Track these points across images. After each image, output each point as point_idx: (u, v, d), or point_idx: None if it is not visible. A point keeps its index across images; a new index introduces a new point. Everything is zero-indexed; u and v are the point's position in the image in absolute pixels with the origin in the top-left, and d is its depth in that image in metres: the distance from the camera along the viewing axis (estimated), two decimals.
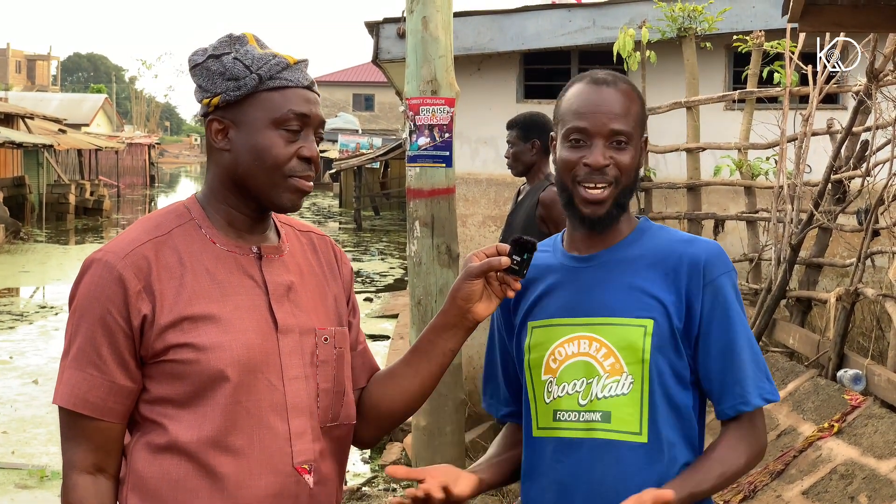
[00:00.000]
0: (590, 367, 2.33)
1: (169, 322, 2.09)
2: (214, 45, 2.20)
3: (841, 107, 9.48)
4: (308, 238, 2.38)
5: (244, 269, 2.19)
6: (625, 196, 2.35)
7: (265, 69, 2.15)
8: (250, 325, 2.14)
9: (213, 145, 2.20)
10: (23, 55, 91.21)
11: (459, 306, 2.28)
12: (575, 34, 9.65)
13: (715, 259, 2.31)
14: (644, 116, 2.40)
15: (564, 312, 2.38)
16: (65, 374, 2.13)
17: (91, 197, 36.81)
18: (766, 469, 5.40)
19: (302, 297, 2.24)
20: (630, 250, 2.36)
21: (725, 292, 2.30)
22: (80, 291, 2.14)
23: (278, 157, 2.15)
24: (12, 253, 24.43)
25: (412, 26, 5.51)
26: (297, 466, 2.16)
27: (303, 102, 2.18)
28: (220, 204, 2.22)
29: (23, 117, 34.86)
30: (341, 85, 61.69)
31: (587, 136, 2.32)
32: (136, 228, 2.19)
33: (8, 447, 8.85)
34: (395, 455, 8.22)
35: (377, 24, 9.83)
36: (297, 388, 2.18)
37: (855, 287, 6.00)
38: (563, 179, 2.36)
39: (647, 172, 9.24)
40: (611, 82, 2.36)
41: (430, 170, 5.60)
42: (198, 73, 2.19)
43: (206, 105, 2.19)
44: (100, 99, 61.16)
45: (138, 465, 2.13)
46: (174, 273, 2.13)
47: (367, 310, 16.51)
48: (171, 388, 2.11)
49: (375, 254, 26.18)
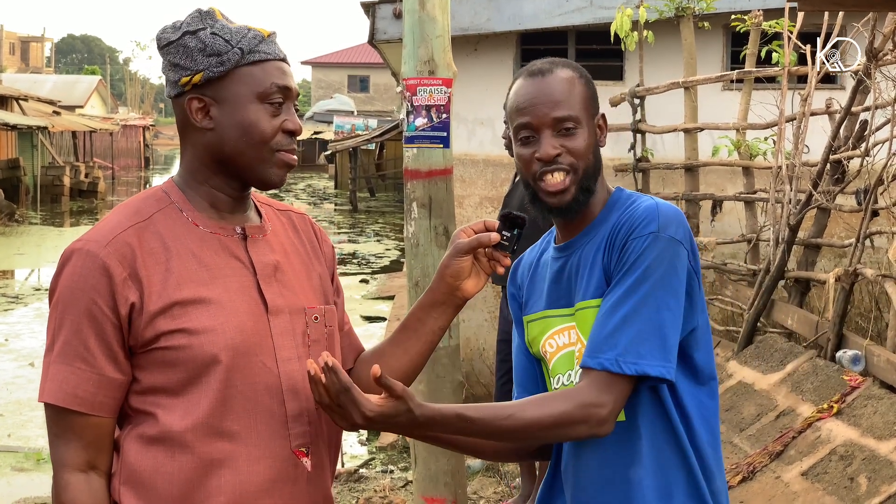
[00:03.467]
0: (571, 358, 2.33)
1: (158, 308, 2.03)
2: (187, 22, 2.14)
3: (840, 87, 9.45)
4: (288, 217, 2.32)
5: (230, 251, 2.14)
6: (588, 179, 2.30)
7: (245, 43, 2.10)
8: (241, 306, 2.09)
9: (192, 125, 2.13)
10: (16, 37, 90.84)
11: (448, 283, 2.25)
12: (572, 14, 9.61)
13: (638, 220, 2.22)
14: (592, 95, 2.34)
15: (550, 304, 2.38)
16: (50, 369, 2.05)
17: (86, 179, 36.78)
18: (766, 450, 5.39)
19: (289, 276, 2.20)
20: (599, 230, 2.31)
21: (629, 252, 2.20)
22: (62, 283, 2.06)
23: (265, 131, 2.11)
24: (7, 235, 24.40)
25: (409, 6, 5.46)
26: (294, 450, 2.12)
27: (282, 75, 2.14)
28: (202, 185, 2.16)
29: (17, 99, 34.75)
30: (336, 66, 61.53)
31: (533, 130, 2.29)
32: (115, 216, 2.12)
33: (4, 430, 8.85)
34: (393, 437, 8.21)
35: (373, 5, 9.80)
36: (291, 369, 2.13)
37: (854, 268, 5.98)
38: (524, 177, 2.34)
39: (644, 153, 9.22)
40: (546, 71, 2.32)
41: (427, 151, 5.56)
42: (173, 51, 2.12)
43: (184, 84, 2.11)
44: (94, 81, 60.96)
45: (130, 457, 2.06)
46: (159, 258, 2.07)
47: (363, 291, 16.50)
48: (163, 376, 2.05)
49: (371, 235, 26.17)
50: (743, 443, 5.73)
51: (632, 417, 2.24)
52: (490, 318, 9.70)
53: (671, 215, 2.22)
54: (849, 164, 6.77)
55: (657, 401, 2.24)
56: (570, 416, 2.12)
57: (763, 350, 6.62)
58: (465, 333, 9.52)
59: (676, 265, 2.19)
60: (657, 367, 2.15)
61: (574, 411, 2.12)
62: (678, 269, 2.20)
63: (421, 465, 5.38)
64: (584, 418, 2.13)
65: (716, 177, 9.40)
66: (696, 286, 2.26)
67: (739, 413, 6.06)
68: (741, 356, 6.78)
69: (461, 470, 5.51)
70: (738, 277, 8.19)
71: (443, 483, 5.36)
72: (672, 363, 2.17)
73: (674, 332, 2.18)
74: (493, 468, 7.23)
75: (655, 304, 2.16)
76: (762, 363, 6.44)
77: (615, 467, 2.25)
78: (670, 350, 2.17)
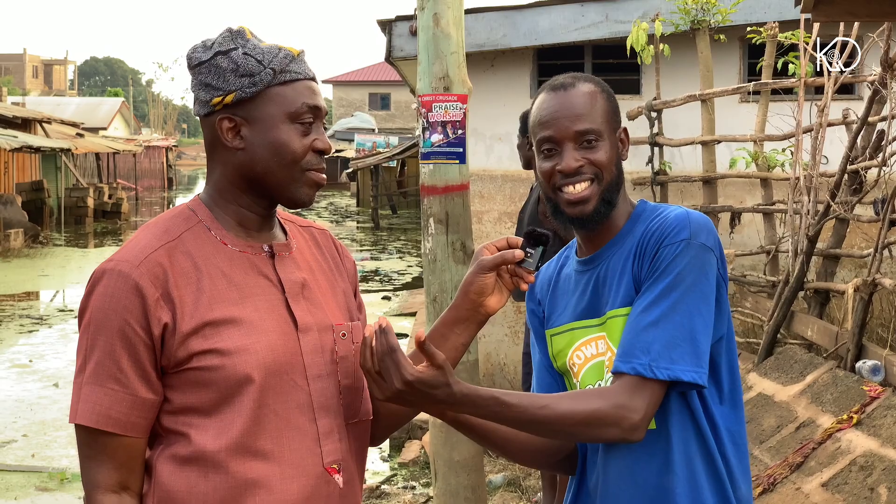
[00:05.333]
0: (601, 368, 2.33)
1: (191, 329, 2.04)
2: (218, 41, 2.15)
3: (857, 97, 9.42)
4: (310, 233, 2.34)
5: (259, 269, 2.15)
6: (610, 192, 2.32)
7: (276, 63, 2.12)
8: (272, 325, 2.10)
9: (222, 144, 2.14)
10: (39, 60, 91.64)
11: (472, 300, 2.26)
12: (588, 29, 9.62)
13: (670, 228, 2.24)
14: (614, 109, 2.37)
15: (576, 316, 2.38)
16: (83, 390, 2.04)
17: (109, 200, 36.97)
18: (786, 462, 5.38)
19: (315, 293, 2.21)
20: (626, 240, 2.33)
21: (661, 259, 2.22)
22: (94, 304, 2.06)
23: (296, 151, 2.12)
24: (31, 257, 24.54)
25: (423, 23, 5.50)
26: (327, 467, 2.13)
27: (312, 94, 2.16)
28: (230, 204, 2.17)
29: (40, 122, 34.98)
30: (357, 84, 61.77)
31: (556, 144, 2.32)
32: (144, 235, 2.13)
33: (28, 450, 8.89)
34: (415, 453, 8.22)
35: (390, 22, 9.83)
36: (321, 386, 2.14)
37: (872, 278, 5.97)
38: (546, 190, 2.36)
39: (662, 166, 9.22)
40: (569, 85, 2.35)
41: (443, 166, 5.59)
42: (205, 71, 2.13)
43: (216, 104, 2.12)
44: (117, 102, 61.41)
45: (164, 478, 2.06)
46: (191, 278, 2.07)
47: (384, 308, 16.52)
48: (196, 396, 2.06)
49: (393, 252, 26.20)
50: (763, 455, 5.71)
51: (662, 425, 2.25)
52: (511, 333, 9.71)
53: (702, 223, 2.25)
54: (866, 175, 6.76)
55: (686, 408, 2.26)
56: (603, 415, 2.14)
57: (783, 362, 6.60)
58: (485, 349, 9.53)
59: (707, 272, 2.22)
60: (690, 372, 2.16)
61: (609, 410, 2.14)
62: (709, 275, 2.22)
63: (441, 480, 5.39)
64: (617, 420, 2.14)
65: (734, 189, 9.39)
66: (724, 294, 2.29)
67: (760, 425, 6.04)
68: (761, 368, 6.76)
69: (481, 485, 5.51)
70: (758, 289, 8.17)
71: (463, 498, 5.37)
72: (704, 369, 2.18)
73: (705, 339, 2.20)
74: (514, 483, 7.23)
75: (687, 310, 2.18)
76: (782, 375, 6.43)
77: (647, 475, 2.26)
78: (702, 356, 2.19)
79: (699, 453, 2.26)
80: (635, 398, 2.15)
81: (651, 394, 2.16)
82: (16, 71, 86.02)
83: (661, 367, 2.15)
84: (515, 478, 7.25)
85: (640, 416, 2.15)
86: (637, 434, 2.16)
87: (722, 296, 2.27)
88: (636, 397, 2.15)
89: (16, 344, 14.12)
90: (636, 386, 2.16)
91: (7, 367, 12.63)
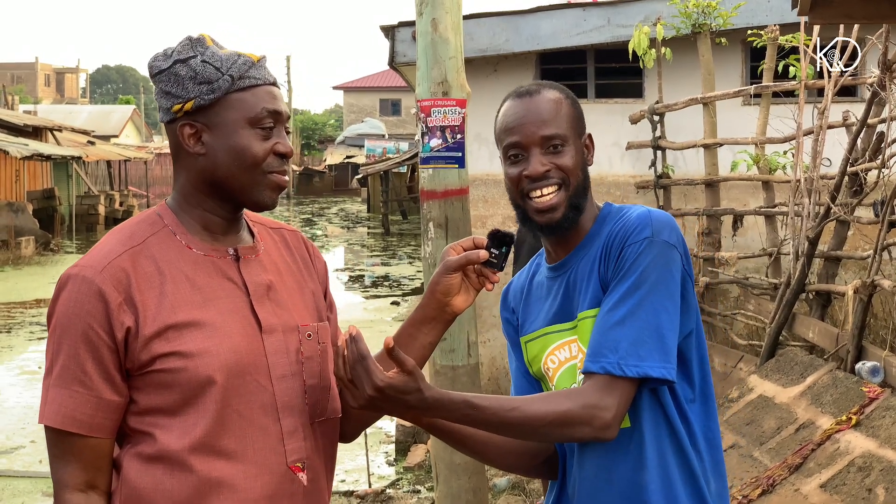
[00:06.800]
0: (574, 372, 2.36)
1: (153, 332, 2.07)
2: (178, 50, 2.18)
3: (859, 99, 9.43)
4: (280, 235, 2.37)
5: (223, 272, 2.18)
6: (578, 197, 2.34)
7: (235, 69, 2.15)
8: (235, 328, 2.14)
9: (185, 150, 2.18)
10: (51, 69, 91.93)
11: (438, 300, 2.30)
12: (590, 33, 9.65)
13: (632, 227, 2.26)
14: (578, 115, 2.40)
15: (549, 321, 2.41)
16: (49, 392, 2.09)
17: (121, 207, 37.07)
18: (785, 463, 5.39)
19: (282, 294, 2.24)
20: (594, 244, 2.35)
21: (624, 259, 2.24)
22: (59, 308, 2.10)
23: (257, 155, 2.15)
24: (43, 264, 24.63)
25: (422, 28, 5.54)
26: (290, 465, 2.16)
27: (272, 99, 2.19)
28: (195, 209, 2.20)
29: (51, 130, 35.11)
30: (368, 90, 61.85)
31: (522, 149, 2.34)
32: (109, 241, 2.16)
33: (36, 456, 8.94)
34: (420, 457, 8.25)
35: (392, 28, 9.87)
36: (285, 386, 2.18)
37: (872, 279, 5.97)
38: (513, 197, 2.39)
39: (665, 169, 9.24)
40: (534, 91, 2.39)
41: (442, 171, 5.62)
42: (165, 79, 2.17)
43: (176, 111, 2.16)
44: (128, 110, 61.47)
45: (131, 475, 2.10)
46: (154, 282, 2.11)
47: (393, 313, 16.56)
48: (160, 397, 2.09)
49: (403, 258, 26.23)
50: (763, 456, 5.72)
51: (636, 422, 2.28)
52: None
53: (664, 220, 2.27)
54: (866, 176, 6.77)
55: (658, 405, 2.28)
56: (573, 415, 2.16)
57: (784, 363, 6.61)
58: (489, 353, 9.56)
59: (672, 268, 2.24)
60: (658, 368, 2.18)
61: (578, 410, 2.16)
62: (673, 272, 2.24)
63: (442, 483, 5.42)
64: (588, 419, 2.16)
65: (737, 192, 9.40)
66: (690, 289, 2.30)
67: (760, 427, 6.05)
68: (762, 370, 6.77)
69: (483, 488, 5.53)
70: (761, 291, 8.18)
71: (464, 501, 5.40)
72: (672, 364, 2.21)
73: (672, 335, 2.22)
74: (518, 486, 7.25)
75: (653, 307, 2.20)
76: (783, 376, 6.43)
77: (622, 472, 2.28)
78: (670, 352, 2.21)
79: (671, 449, 2.28)
80: (606, 397, 2.17)
81: (622, 392, 2.18)
82: (28, 79, 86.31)
83: (630, 365, 2.18)
84: (520, 481, 7.28)
85: (611, 415, 2.17)
86: (610, 433, 2.18)
87: (688, 291, 2.29)
88: (607, 396, 2.17)
89: (26, 351, 14.20)
90: (606, 385, 2.18)
91: (17, 373, 12.71)
